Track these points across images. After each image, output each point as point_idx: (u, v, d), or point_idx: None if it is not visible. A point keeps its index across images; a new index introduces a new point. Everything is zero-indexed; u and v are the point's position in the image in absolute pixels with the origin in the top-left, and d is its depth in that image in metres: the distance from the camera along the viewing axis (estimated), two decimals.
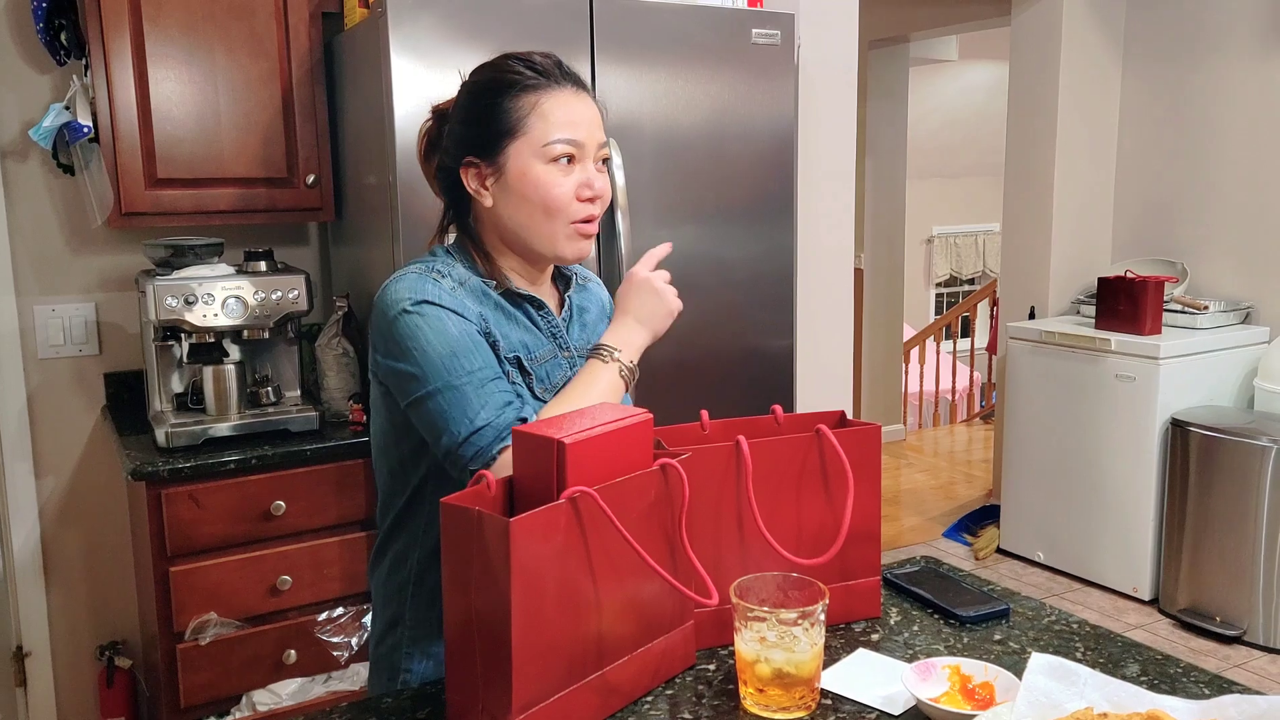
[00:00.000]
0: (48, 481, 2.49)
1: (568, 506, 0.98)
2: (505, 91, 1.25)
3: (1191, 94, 3.84)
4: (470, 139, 1.27)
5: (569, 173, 1.25)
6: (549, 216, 1.25)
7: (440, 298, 1.22)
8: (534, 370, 1.28)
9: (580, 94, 1.27)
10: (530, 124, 1.23)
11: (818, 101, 2.85)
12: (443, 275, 1.25)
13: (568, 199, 1.24)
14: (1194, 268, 3.86)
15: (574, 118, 1.25)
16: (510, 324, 1.28)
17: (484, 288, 1.28)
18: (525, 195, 1.24)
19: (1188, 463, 3.39)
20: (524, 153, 1.24)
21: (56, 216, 2.45)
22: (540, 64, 1.26)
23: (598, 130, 1.28)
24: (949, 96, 8.20)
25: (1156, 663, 1.14)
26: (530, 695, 0.96)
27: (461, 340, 1.20)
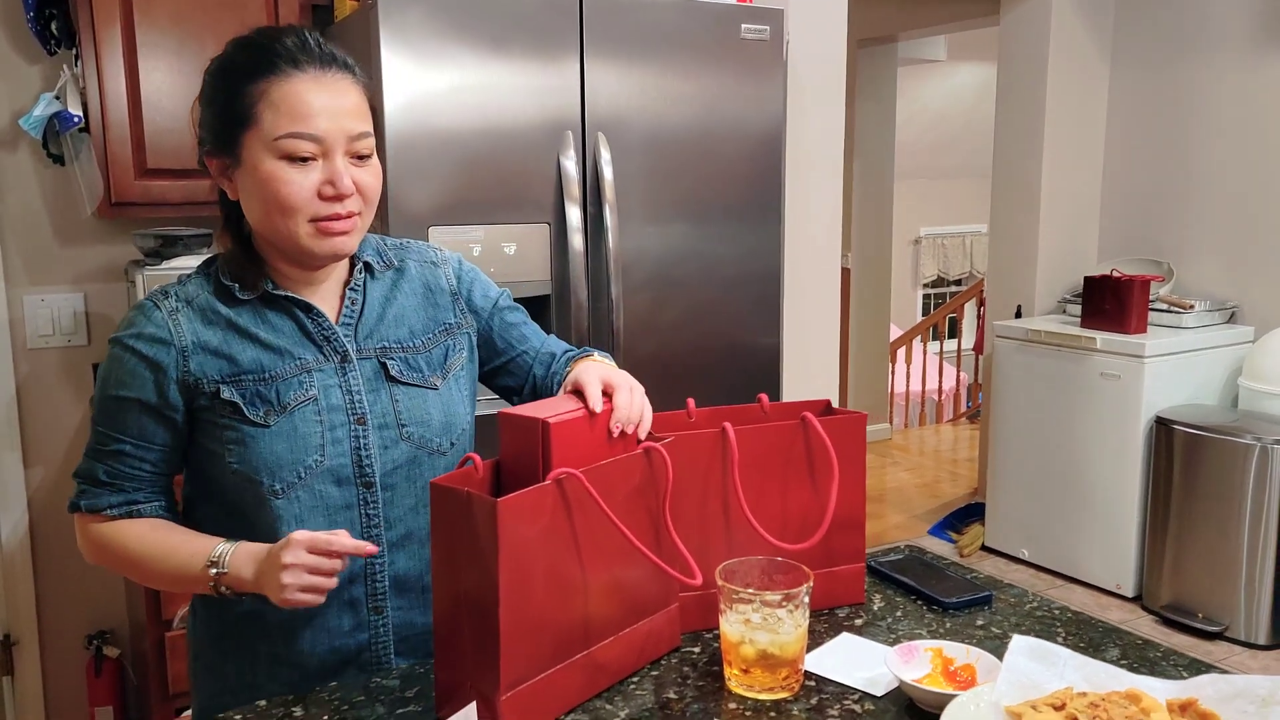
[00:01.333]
0: (36, 471, 2.49)
1: (554, 488, 0.99)
2: (239, 74, 1.12)
3: (1179, 94, 3.87)
4: (210, 125, 1.15)
5: (307, 169, 1.11)
6: (284, 216, 1.11)
7: (136, 340, 1.14)
8: (254, 391, 1.14)
9: (324, 78, 1.12)
10: (260, 113, 1.10)
11: (806, 99, 2.86)
12: (167, 298, 1.17)
13: (302, 199, 1.11)
14: (1180, 267, 3.89)
15: (311, 107, 1.10)
16: (244, 342, 1.16)
17: (214, 305, 1.16)
18: (259, 192, 1.12)
19: (1172, 461, 3.43)
20: (256, 145, 1.11)
21: (46, 206, 2.44)
22: (279, 42, 1.12)
23: (349, 119, 1.12)
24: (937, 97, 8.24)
25: (1136, 647, 1.16)
26: (518, 673, 0.97)
27: (108, 401, 1.15)
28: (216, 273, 1.20)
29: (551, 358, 1.35)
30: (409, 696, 1.06)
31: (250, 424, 1.14)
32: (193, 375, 1.14)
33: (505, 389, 1.37)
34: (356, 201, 1.14)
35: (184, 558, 1.15)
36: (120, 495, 1.18)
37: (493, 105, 2.08)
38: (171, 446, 1.18)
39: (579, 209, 2.16)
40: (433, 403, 1.23)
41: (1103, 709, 0.89)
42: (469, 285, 1.33)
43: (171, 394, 1.15)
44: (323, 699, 1.06)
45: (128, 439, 1.16)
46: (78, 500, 1.20)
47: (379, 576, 1.20)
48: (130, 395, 1.14)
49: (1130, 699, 0.91)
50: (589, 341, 2.19)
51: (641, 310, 2.29)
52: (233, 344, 1.16)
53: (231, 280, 1.17)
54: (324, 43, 1.15)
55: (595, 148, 2.18)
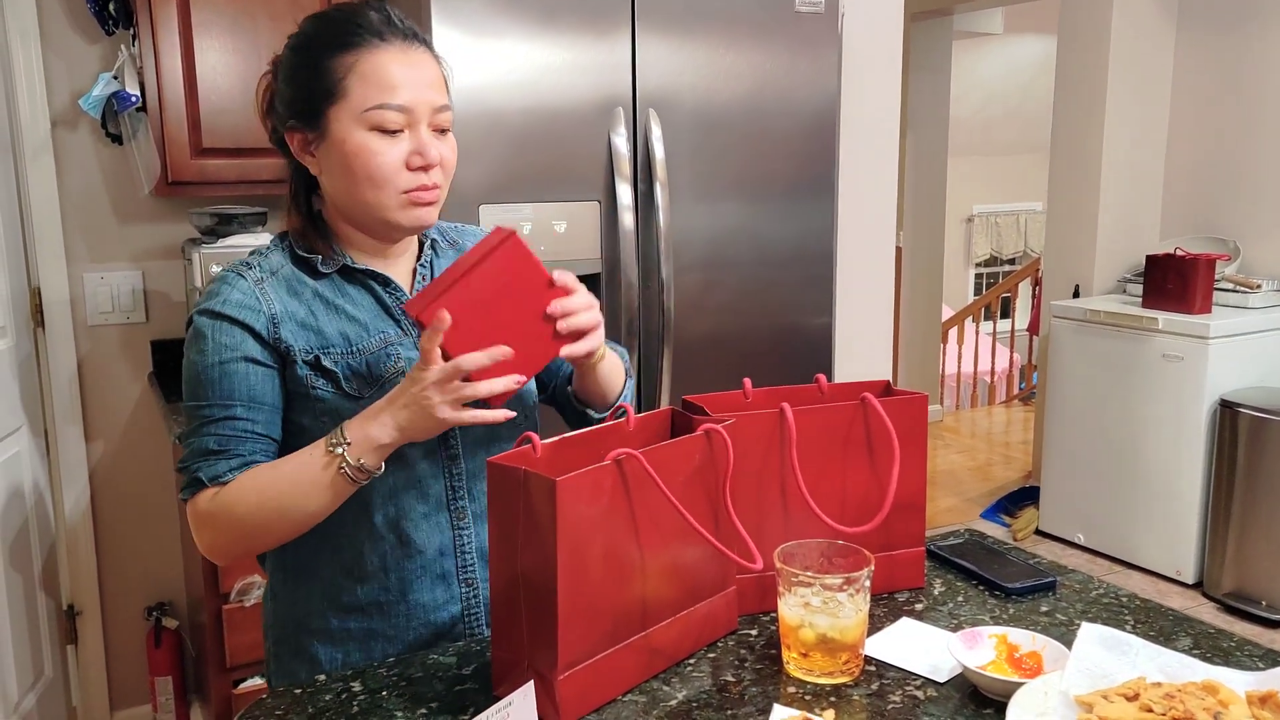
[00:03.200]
0: (97, 445, 2.54)
1: (613, 468, 0.98)
2: (323, 49, 1.12)
3: (1247, 64, 3.74)
4: (292, 100, 1.15)
5: (395, 141, 1.11)
6: (375, 187, 1.12)
7: (223, 305, 1.13)
8: (345, 365, 1.15)
9: (410, 51, 1.13)
10: (349, 86, 1.10)
11: (861, 73, 2.80)
12: (250, 268, 1.16)
13: (394, 169, 1.11)
14: (1246, 245, 3.77)
15: (398, 79, 1.11)
16: (330, 315, 1.16)
17: (299, 276, 1.17)
18: (348, 165, 1.12)
19: (1236, 444, 3.33)
20: (345, 118, 1.11)
21: (105, 185, 2.48)
22: (363, 16, 1.13)
23: (433, 91, 1.13)
24: (993, 71, 8.06)
25: (1209, 636, 1.12)
26: (575, 654, 0.96)
27: (209, 371, 1.12)
28: (292, 247, 1.20)
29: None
30: (466, 674, 1.06)
31: (346, 396, 1.14)
32: (284, 343, 1.14)
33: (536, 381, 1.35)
34: (439, 174, 1.15)
35: (300, 466, 1.08)
36: (236, 459, 1.11)
37: (543, 82, 2.07)
38: (276, 407, 1.14)
39: (630, 187, 2.14)
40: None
41: (1178, 700, 0.86)
42: None
43: (269, 353, 1.14)
44: (380, 675, 1.07)
45: (236, 402, 1.12)
46: (192, 478, 1.12)
47: (467, 549, 1.22)
48: (232, 356, 1.12)
49: (1207, 690, 0.88)
50: (639, 322, 2.18)
51: (692, 290, 2.27)
52: (319, 316, 1.16)
53: (310, 254, 1.18)
54: (403, 17, 1.15)
55: (646, 124, 2.15)
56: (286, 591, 1.24)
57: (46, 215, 2.41)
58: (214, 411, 1.12)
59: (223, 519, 1.10)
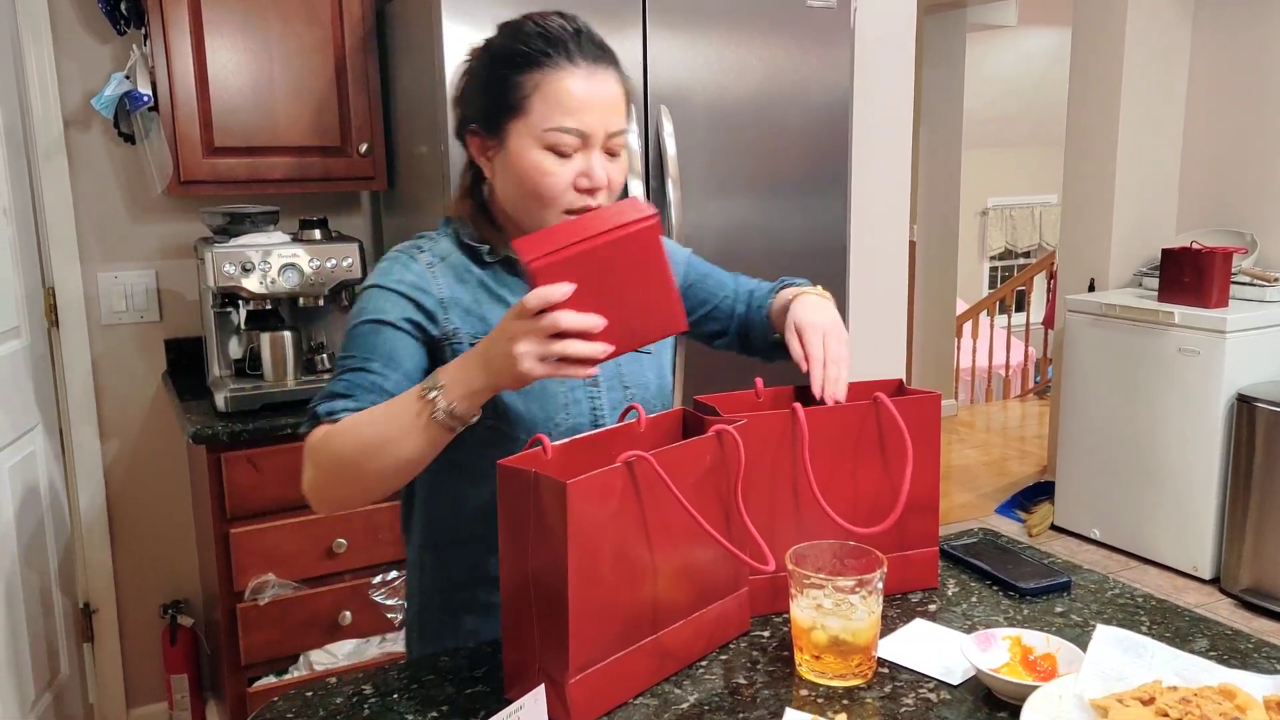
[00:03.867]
0: (112, 444, 2.55)
1: (624, 470, 0.98)
2: (513, 64, 1.16)
3: (1264, 56, 3.70)
4: (476, 106, 1.20)
5: (567, 162, 1.15)
6: (541, 204, 1.17)
7: (396, 282, 1.18)
8: None
9: (597, 73, 1.16)
10: (532, 104, 1.14)
11: (873, 68, 2.79)
12: (422, 252, 1.22)
13: (561, 189, 1.15)
14: (1263, 239, 3.73)
15: (581, 102, 1.14)
16: (493, 302, 1.22)
17: (466, 264, 1.22)
18: (519, 178, 1.17)
19: (1254, 440, 3.30)
20: (523, 134, 1.15)
21: (118, 185, 2.49)
22: (555, 33, 1.15)
23: (611, 115, 1.17)
24: (1007, 63, 8.00)
25: (1226, 638, 1.11)
26: (587, 656, 0.96)
27: (360, 329, 1.17)
28: (457, 233, 1.25)
29: (750, 295, 1.43)
30: (478, 676, 1.06)
31: None
32: (451, 325, 1.19)
33: (711, 334, 1.46)
34: (604, 195, 1.18)
35: (397, 410, 1.07)
36: (354, 402, 1.14)
37: None
38: (414, 377, 1.16)
39: (641, 183, 2.13)
40: (648, 366, 1.32)
41: (1195, 704, 0.85)
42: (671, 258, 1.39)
43: (425, 330, 1.18)
44: (392, 677, 1.07)
45: (375, 357, 1.16)
46: (311, 413, 1.15)
47: None
48: (386, 319, 1.17)
49: (1224, 694, 0.87)
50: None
51: None
52: (483, 304, 1.21)
53: (478, 244, 1.23)
54: (595, 35, 1.19)
55: (658, 121, 2.14)
56: (433, 564, 1.29)
57: (60, 215, 2.42)
58: (352, 362, 1.16)
59: (323, 456, 1.12)
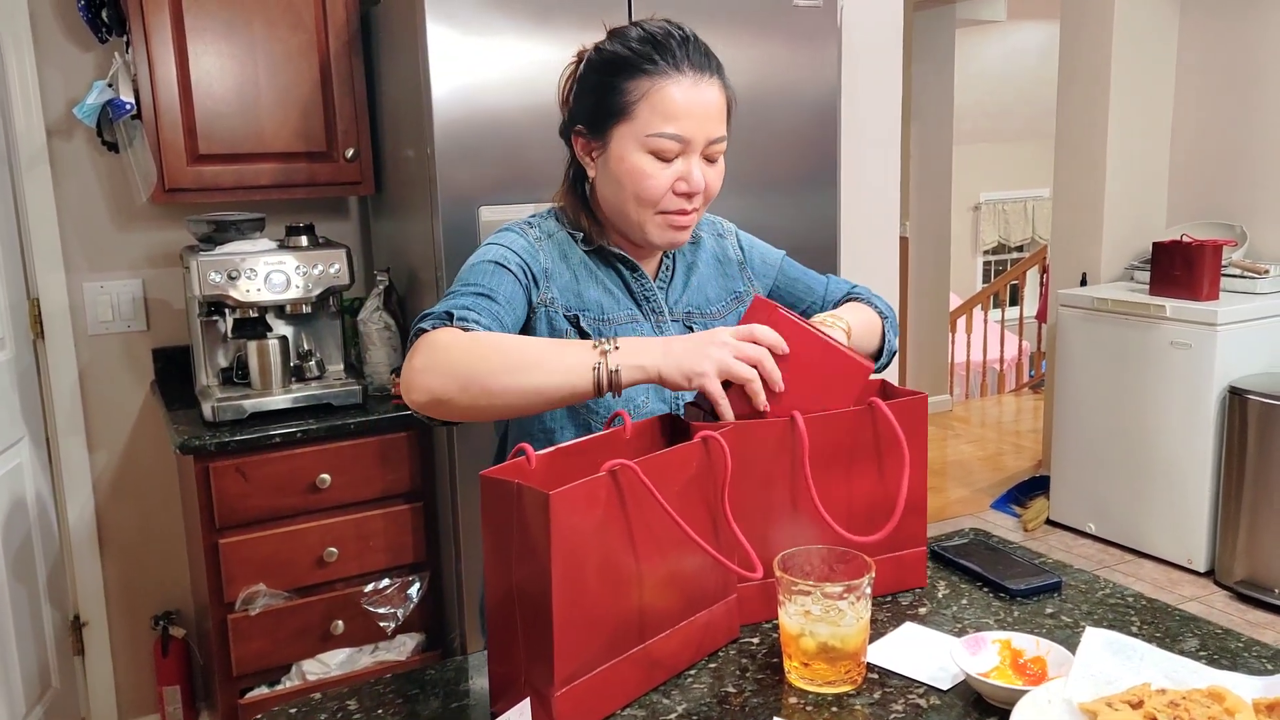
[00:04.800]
0: (100, 455, 2.54)
1: (608, 479, 0.97)
2: (620, 70, 1.21)
3: (1252, 50, 3.70)
4: (583, 109, 1.26)
5: (667, 166, 1.21)
6: (639, 205, 1.23)
7: (510, 242, 1.26)
8: (597, 329, 1.27)
9: (701, 83, 1.21)
10: (638, 110, 1.20)
11: (862, 66, 2.78)
12: (532, 227, 1.30)
13: (660, 192, 1.22)
14: (1253, 231, 3.73)
15: (684, 109, 1.20)
16: (590, 282, 1.29)
17: (571, 243, 1.30)
18: (621, 180, 1.23)
19: (1246, 431, 3.30)
20: (627, 137, 1.21)
21: (102, 194, 2.47)
22: (664, 42, 1.21)
23: (713, 123, 1.22)
24: (997, 59, 8.00)
25: (1216, 637, 1.10)
26: (572, 668, 0.95)
27: (485, 265, 1.23)
28: (562, 220, 1.32)
29: (834, 304, 1.48)
30: (463, 690, 1.05)
31: None
32: (550, 293, 1.26)
33: None
34: (699, 199, 1.24)
35: (562, 345, 1.12)
36: (486, 316, 1.17)
37: (540, 81, 2.05)
38: (518, 322, 1.23)
39: None
40: None
41: (1184, 708, 0.84)
42: (753, 253, 1.46)
43: (531, 292, 1.25)
44: (377, 691, 1.06)
45: (498, 293, 1.20)
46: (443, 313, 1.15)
47: None
48: (508, 265, 1.23)
49: (1213, 697, 0.86)
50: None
51: None
52: (581, 281, 1.29)
53: (575, 230, 1.30)
54: (701, 44, 1.23)
55: None
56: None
57: (44, 225, 2.40)
58: (476, 288, 1.20)
59: (459, 350, 1.10)
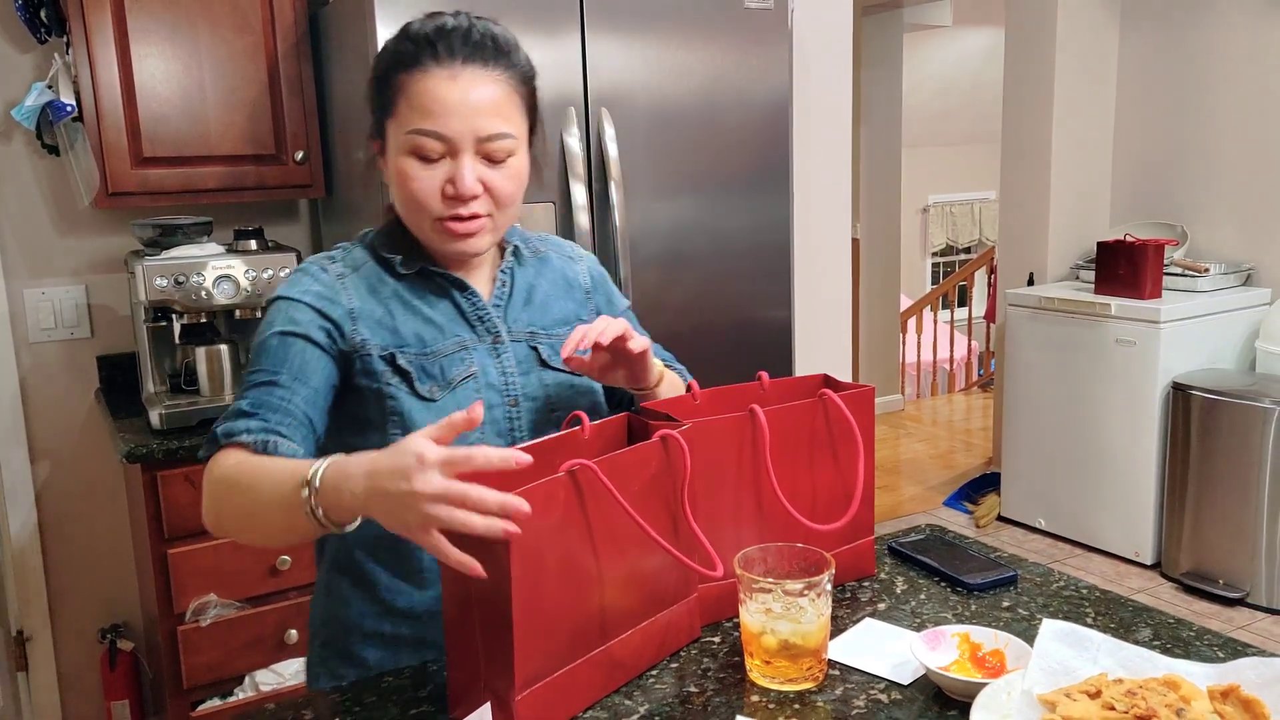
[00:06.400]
0: (43, 466, 2.47)
1: (566, 479, 0.96)
2: (388, 63, 1.13)
3: (1190, 54, 3.80)
4: (371, 109, 1.18)
5: (434, 167, 1.10)
6: (410, 211, 1.14)
7: (303, 293, 1.13)
8: (419, 366, 1.14)
9: (462, 75, 1.09)
10: (399, 107, 1.11)
11: (812, 68, 2.80)
12: (334, 263, 1.18)
13: (425, 196, 1.10)
14: (1194, 230, 3.83)
15: (442, 105, 1.08)
16: (406, 314, 1.16)
17: (380, 275, 1.17)
18: (394, 185, 1.14)
19: (1189, 426, 3.38)
20: (394, 135, 1.12)
21: (43, 198, 2.41)
22: (434, 34, 1.10)
23: (483, 119, 1.09)
24: (943, 63, 8.12)
25: (1169, 626, 1.13)
26: (533, 671, 0.94)
27: (268, 341, 1.11)
28: (374, 245, 1.20)
29: None
30: (422, 696, 1.04)
31: (418, 397, 1.14)
32: (360, 336, 1.14)
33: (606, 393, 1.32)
34: (484, 203, 1.12)
35: (279, 479, 0.98)
36: (259, 423, 1.07)
37: None
38: (322, 393, 1.12)
39: (584, 186, 2.11)
40: (579, 384, 1.25)
41: (1140, 696, 0.86)
42: (601, 289, 1.35)
43: (337, 343, 1.13)
44: (334, 700, 1.04)
45: (283, 371, 1.10)
46: (212, 433, 1.08)
47: None
48: (296, 331, 1.11)
49: (1169, 685, 0.88)
50: None
51: (651, 287, 2.25)
52: (396, 316, 1.16)
53: (392, 254, 1.18)
54: (477, 33, 1.11)
55: (599, 124, 2.13)
56: (340, 590, 1.22)
57: None
58: (259, 377, 1.10)
59: (221, 491, 1.06)
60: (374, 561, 1.19)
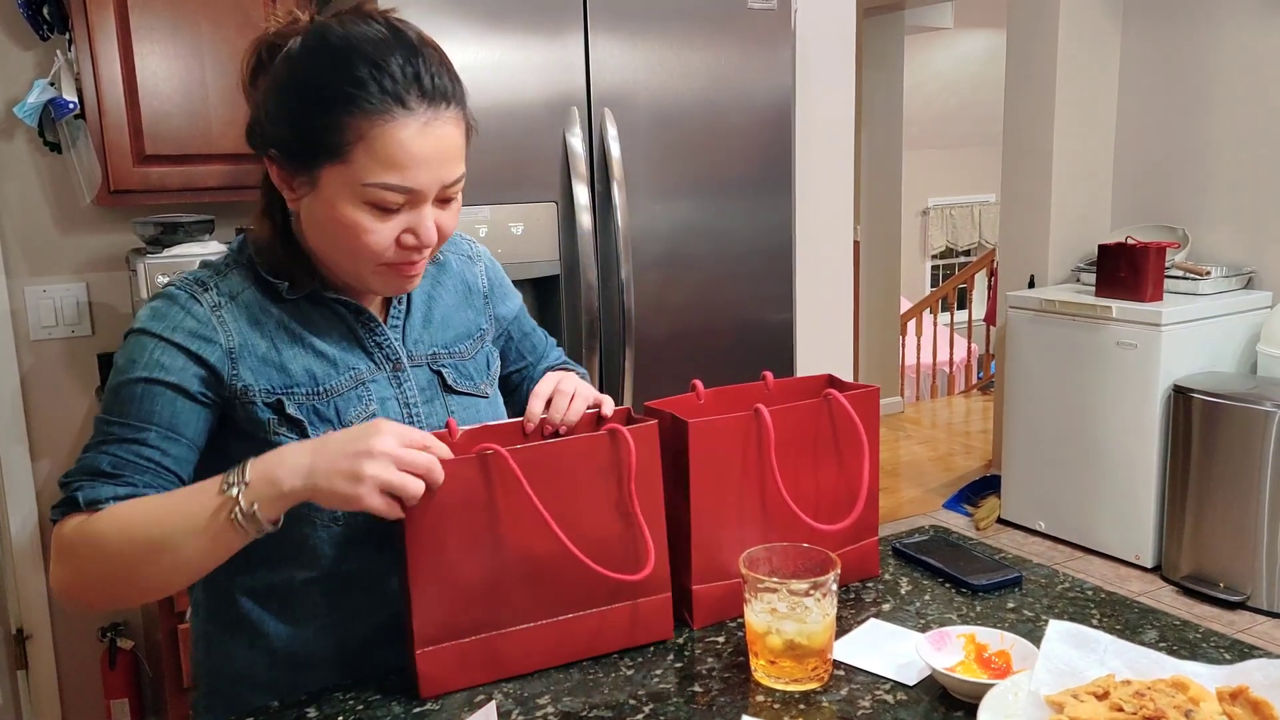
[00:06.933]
0: (44, 464, 2.46)
1: (475, 461, 0.99)
2: (332, 101, 0.96)
3: (1192, 57, 3.80)
4: (278, 134, 1.00)
5: (390, 217, 0.99)
6: (354, 259, 1.01)
7: (173, 331, 1.01)
8: (312, 408, 1.05)
9: (438, 119, 0.98)
10: (354, 155, 0.96)
11: (815, 69, 2.80)
12: (207, 290, 1.03)
13: (383, 247, 1.00)
14: (1195, 233, 3.83)
15: (414, 158, 0.97)
16: (295, 349, 1.05)
17: (262, 303, 1.05)
18: (331, 229, 1.00)
19: (1190, 429, 3.38)
20: (339, 182, 0.97)
21: (44, 195, 2.40)
22: (387, 71, 0.96)
23: (449, 166, 1.00)
24: (944, 65, 8.13)
25: (1175, 628, 1.12)
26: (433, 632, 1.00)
27: (133, 387, 1.00)
28: (253, 263, 1.06)
29: (548, 368, 1.33)
30: None
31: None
32: (241, 382, 1.02)
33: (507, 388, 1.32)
34: (432, 250, 1.05)
35: (185, 501, 0.94)
36: (126, 487, 0.97)
37: (495, 83, 2.03)
38: (195, 446, 1.02)
39: (586, 187, 2.11)
40: (485, 412, 1.18)
41: (1149, 698, 0.85)
42: (498, 291, 1.27)
43: (212, 391, 1.02)
44: (336, 699, 1.03)
45: (152, 427, 0.99)
46: (69, 496, 0.98)
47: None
48: (164, 379, 0.99)
49: (1177, 687, 0.87)
50: (599, 323, 2.16)
51: (652, 289, 2.25)
52: (284, 351, 1.04)
53: (274, 277, 1.06)
54: (438, 67, 1.00)
55: (601, 124, 2.13)
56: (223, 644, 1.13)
57: None
58: (123, 431, 0.99)
59: (85, 550, 0.95)
60: (264, 610, 1.10)
